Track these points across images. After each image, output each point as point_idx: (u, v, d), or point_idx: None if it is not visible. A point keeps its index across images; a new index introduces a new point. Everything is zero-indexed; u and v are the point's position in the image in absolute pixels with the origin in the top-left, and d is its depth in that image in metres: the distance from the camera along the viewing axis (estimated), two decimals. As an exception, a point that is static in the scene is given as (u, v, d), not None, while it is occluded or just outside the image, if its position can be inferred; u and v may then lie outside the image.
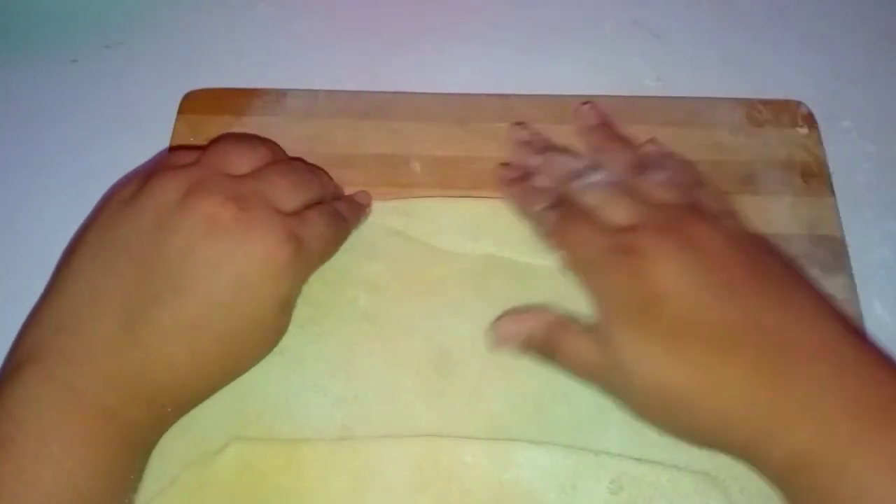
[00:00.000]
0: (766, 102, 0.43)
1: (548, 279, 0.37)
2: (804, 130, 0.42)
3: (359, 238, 0.39)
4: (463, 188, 0.40)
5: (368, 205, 0.39)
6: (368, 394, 0.35)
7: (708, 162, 0.41)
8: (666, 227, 0.32)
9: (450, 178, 0.41)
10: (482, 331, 0.36)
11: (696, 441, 0.32)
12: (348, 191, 0.40)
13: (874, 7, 0.49)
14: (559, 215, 0.35)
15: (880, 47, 0.47)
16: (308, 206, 0.35)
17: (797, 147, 0.41)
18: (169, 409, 0.32)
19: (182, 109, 0.43)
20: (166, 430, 0.33)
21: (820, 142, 0.42)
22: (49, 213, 0.42)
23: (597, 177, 0.36)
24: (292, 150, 0.41)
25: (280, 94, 0.44)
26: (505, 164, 0.40)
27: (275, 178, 0.34)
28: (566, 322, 0.34)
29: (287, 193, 0.34)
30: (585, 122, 0.41)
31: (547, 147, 0.40)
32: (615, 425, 0.34)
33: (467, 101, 0.43)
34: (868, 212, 0.41)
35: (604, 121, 0.41)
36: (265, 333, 0.34)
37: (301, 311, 0.37)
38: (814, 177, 0.40)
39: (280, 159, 0.36)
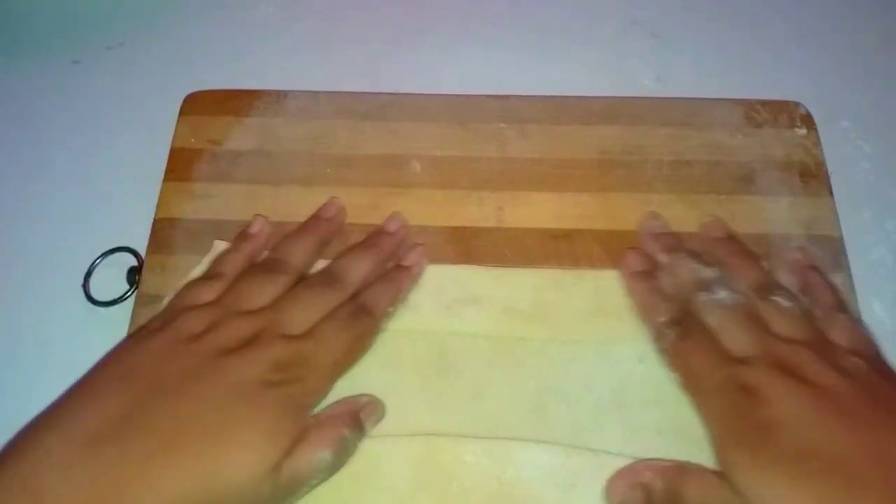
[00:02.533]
0: (764, 103, 0.43)
1: (552, 288, 0.38)
2: (802, 131, 0.42)
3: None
4: (463, 188, 0.41)
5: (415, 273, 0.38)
6: (368, 393, 0.35)
7: (706, 162, 0.41)
8: (782, 366, 0.32)
9: (450, 178, 0.41)
10: (482, 331, 0.37)
11: None
12: (349, 190, 0.40)
13: (873, 8, 0.49)
14: (679, 336, 0.35)
15: (879, 48, 0.47)
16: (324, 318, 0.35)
17: (795, 147, 0.42)
18: None
19: (183, 111, 0.43)
20: None
21: (818, 142, 0.42)
22: (50, 214, 0.42)
23: (722, 294, 0.35)
24: (293, 150, 0.42)
25: (281, 96, 0.44)
26: (632, 249, 0.38)
27: (289, 305, 0.35)
28: (683, 467, 0.33)
29: (301, 315, 0.34)
30: (711, 234, 0.39)
31: (676, 247, 0.38)
32: (615, 425, 0.34)
33: (467, 101, 0.43)
34: (866, 212, 0.41)
35: (730, 234, 0.39)
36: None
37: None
38: (812, 177, 0.41)
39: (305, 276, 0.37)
